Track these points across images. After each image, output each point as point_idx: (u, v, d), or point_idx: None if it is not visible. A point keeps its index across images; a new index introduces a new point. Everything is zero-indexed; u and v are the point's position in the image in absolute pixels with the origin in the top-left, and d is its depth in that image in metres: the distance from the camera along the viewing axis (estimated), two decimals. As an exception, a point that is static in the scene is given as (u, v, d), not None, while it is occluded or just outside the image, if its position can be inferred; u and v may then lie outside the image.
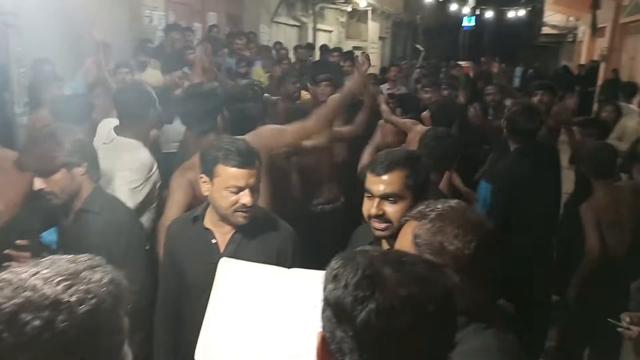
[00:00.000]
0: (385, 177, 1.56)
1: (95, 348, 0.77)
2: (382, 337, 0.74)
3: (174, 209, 2.08)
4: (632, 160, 3.70)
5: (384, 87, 6.62)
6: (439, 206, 1.16)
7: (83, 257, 0.86)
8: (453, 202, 1.20)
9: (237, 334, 1.40)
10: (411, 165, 1.59)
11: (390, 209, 1.55)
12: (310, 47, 9.29)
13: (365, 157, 2.98)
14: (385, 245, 1.64)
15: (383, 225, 1.57)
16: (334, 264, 0.82)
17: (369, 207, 1.58)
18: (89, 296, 0.77)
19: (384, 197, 1.56)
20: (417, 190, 1.57)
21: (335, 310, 0.78)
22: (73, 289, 0.77)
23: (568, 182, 4.51)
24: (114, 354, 0.82)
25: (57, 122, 2.60)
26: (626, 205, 2.78)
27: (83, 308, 0.76)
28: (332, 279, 0.80)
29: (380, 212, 1.56)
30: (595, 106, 9.98)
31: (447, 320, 0.80)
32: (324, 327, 0.81)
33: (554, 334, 3.25)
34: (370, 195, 1.59)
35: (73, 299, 0.76)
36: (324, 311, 0.81)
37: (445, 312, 0.79)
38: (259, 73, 6.95)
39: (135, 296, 1.83)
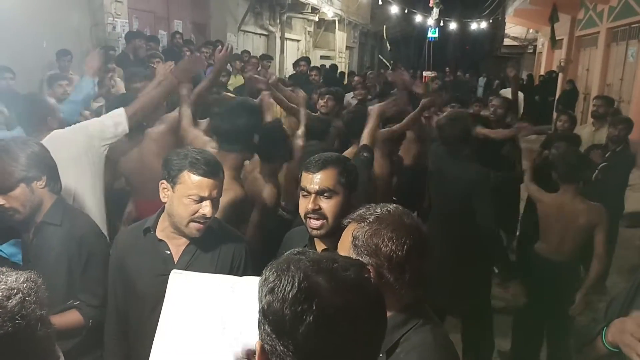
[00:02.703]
0: (319, 174, 1.65)
1: (33, 340, 0.80)
2: (322, 347, 0.76)
3: None
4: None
5: (349, 96, 6.68)
6: (377, 210, 1.23)
7: None
8: (391, 206, 1.26)
9: (190, 346, 1.38)
10: (342, 164, 1.70)
11: (325, 205, 1.64)
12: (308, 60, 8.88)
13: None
14: (319, 246, 1.69)
15: (319, 223, 1.64)
16: (269, 275, 0.82)
17: (305, 204, 1.66)
18: (14, 292, 0.81)
19: (319, 192, 1.65)
20: (348, 187, 1.69)
21: (275, 325, 0.78)
22: None
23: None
24: (49, 345, 0.85)
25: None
26: (575, 215, 2.89)
27: (11, 302, 0.79)
28: (268, 292, 0.80)
29: (317, 207, 1.64)
30: (555, 115, 10.34)
31: (378, 319, 0.84)
32: (263, 340, 0.82)
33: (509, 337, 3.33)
34: (306, 193, 1.67)
35: None
36: (262, 325, 0.81)
37: (375, 312, 0.83)
38: (235, 81, 6.91)
39: (95, 310, 1.80)
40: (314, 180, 1.65)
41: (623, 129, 4.19)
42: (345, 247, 1.22)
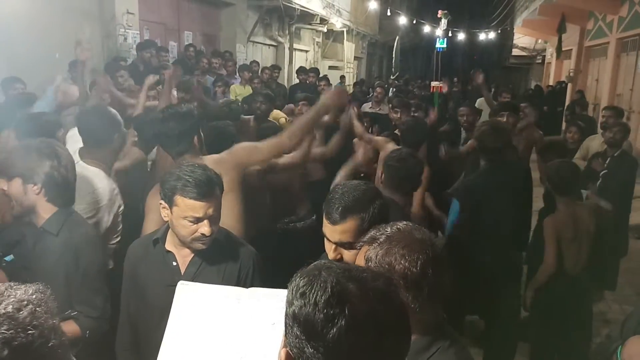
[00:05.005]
0: (339, 227, 1.53)
1: (47, 349, 0.81)
2: (351, 352, 0.78)
3: (149, 228, 2.06)
4: (588, 177, 3.88)
5: (367, 106, 6.71)
6: (387, 229, 1.21)
7: None
8: (401, 224, 1.23)
9: (195, 357, 1.38)
10: (365, 208, 1.55)
11: (347, 255, 1.54)
12: (316, 71, 8.82)
13: (340, 177, 2.95)
14: None
15: None
16: (300, 281, 0.84)
17: (329, 249, 1.58)
18: (24, 303, 0.81)
19: (339, 244, 1.55)
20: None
21: (305, 328, 0.80)
22: (4, 303, 0.80)
23: (537, 199, 4.65)
24: (64, 354, 0.86)
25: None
26: (584, 224, 2.87)
27: (23, 313, 0.80)
28: (299, 296, 0.82)
29: (338, 257, 1.56)
30: (564, 125, 10.27)
31: (404, 333, 0.85)
32: (290, 344, 0.83)
33: (525, 349, 3.29)
34: (328, 239, 1.59)
35: (9, 309, 0.79)
36: (290, 328, 0.82)
37: (401, 323, 0.85)
38: (235, 91, 6.98)
39: (93, 321, 1.81)
40: (333, 232, 1.54)
41: (618, 132, 4.21)
42: None
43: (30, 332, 0.79)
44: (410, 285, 1.11)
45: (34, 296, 0.84)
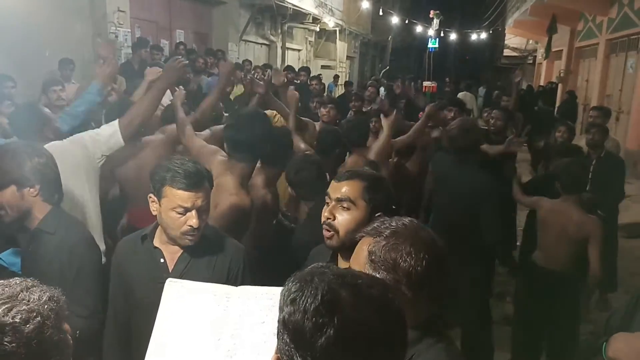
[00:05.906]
0: (343, 183, 1.60)
1: None
2: None
3: None
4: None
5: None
6: (393, 224, 1.18)
7: (16, 280, 0.86)
8: (406, 219, 1.21)
9: (184, 356, 1.38)
10: (372, 180, 1.61)
11: (340, 216, 1.56)
12: (307, 70, 8.89)
13: None
14: (342, 264, 1.64)
15: (329, 233, 1.58)
16: (292, 286, 0.82)
17: (324, 211, 1.61)
18: (33, 315, 0.79)
19: (339, 200, 1.58)
20: (372, 206, 1.57)
21: (294, 335, 0.77)
22: (15, 310, 0.78)
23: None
24: None
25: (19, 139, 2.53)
26: (571, 225, 2.89)
27: (29, 327, 0.77)
28: (290, 302, 0.79)
29: (331, 217, 1.57)
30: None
31: (399, 341, 0.82)
32: (280, 350, 0.81)
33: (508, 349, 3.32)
34: (328, 201, 1.62)
35: (17, 319, 0.77)
36: (281, 334, 0.80)
37: (397, 333, 0.81)
38: (236, 91, 6.94)
39: (84, 321, 1.80)
40: (337, 188, 1.59)
41: (596, 132, 4.17)
42: (360, 262, 1.16)
43: (32, 347, 0.77)
44: (413, 283, 1.11)
45: (46, 306, 0.81)
